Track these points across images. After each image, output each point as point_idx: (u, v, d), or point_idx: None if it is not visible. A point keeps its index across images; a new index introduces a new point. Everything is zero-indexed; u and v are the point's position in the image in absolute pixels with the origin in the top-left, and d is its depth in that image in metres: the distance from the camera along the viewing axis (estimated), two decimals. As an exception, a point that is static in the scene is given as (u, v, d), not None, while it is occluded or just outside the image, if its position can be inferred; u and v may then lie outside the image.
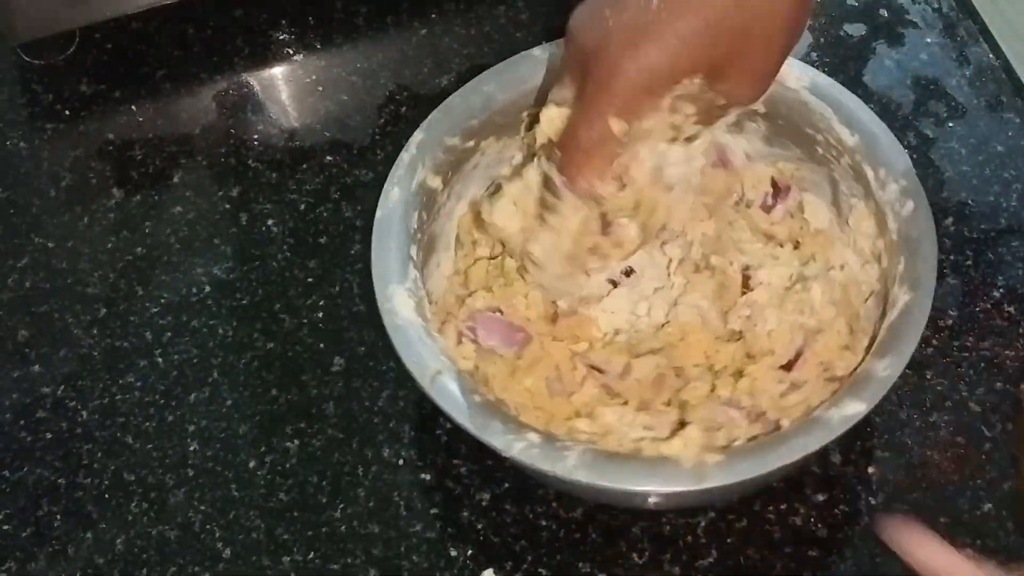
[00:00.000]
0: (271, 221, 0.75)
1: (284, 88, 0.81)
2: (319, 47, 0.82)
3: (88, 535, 0.64)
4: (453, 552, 0.62)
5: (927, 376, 0.66)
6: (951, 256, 0.70)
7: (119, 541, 0.64)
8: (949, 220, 0.71)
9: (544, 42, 0.67)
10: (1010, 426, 0.64)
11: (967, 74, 0.78)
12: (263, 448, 0.66)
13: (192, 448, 0.66)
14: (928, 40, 0.80)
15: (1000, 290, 0.69)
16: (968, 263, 0.70)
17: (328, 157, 0.77)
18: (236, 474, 0.65)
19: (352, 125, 0.78)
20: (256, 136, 0.79)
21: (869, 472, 0.63)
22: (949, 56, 0.79)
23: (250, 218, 0.75)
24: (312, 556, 0.63)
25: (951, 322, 0.68)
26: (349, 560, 0.62)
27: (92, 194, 0.76)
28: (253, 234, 0.74)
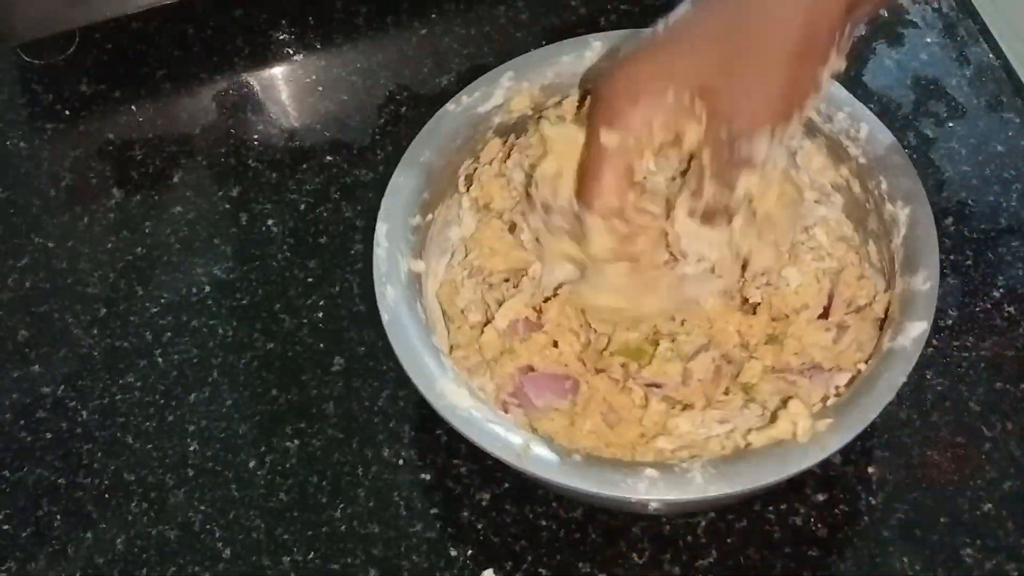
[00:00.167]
0: (271, 221, 0.75)
1: (284, 88, 0.81)
2: (319, 47, 0.82)
3: (88, 535, 0.64)
4: (453, 552, 0.62)
5: (927, 376, 0.66)
6: (951, 256, 0.70)
7: (119, 541, 0.64)
8: (949, 220, 0.71)
9: (544, 43, 0.67)
10: (1010, 425, 0.64)
11: (967, 74, 0.78)
12: (263, 448, 0.66)
13: (192, 448, 0.66)
14: (928, 40, 0.80)
15: (1000, 290, 0.69)
16: (968, 263, 0.70)
17: (328, 157, 0.77)
18: (236, 474, 0.65)
19: (352, 125, 0.78)
20: (256, 136, 0.79)
21: (869, 472, 0.63)
22: (949, 56, 0.79)
23: (250, 218, 0.75)
24: (312, 556, 0.63)
25: (951, 322, 0.68)
26: (349, 560, 0.62)
27: (92, 194, 0.76)
28: (253, 234, 0.74)
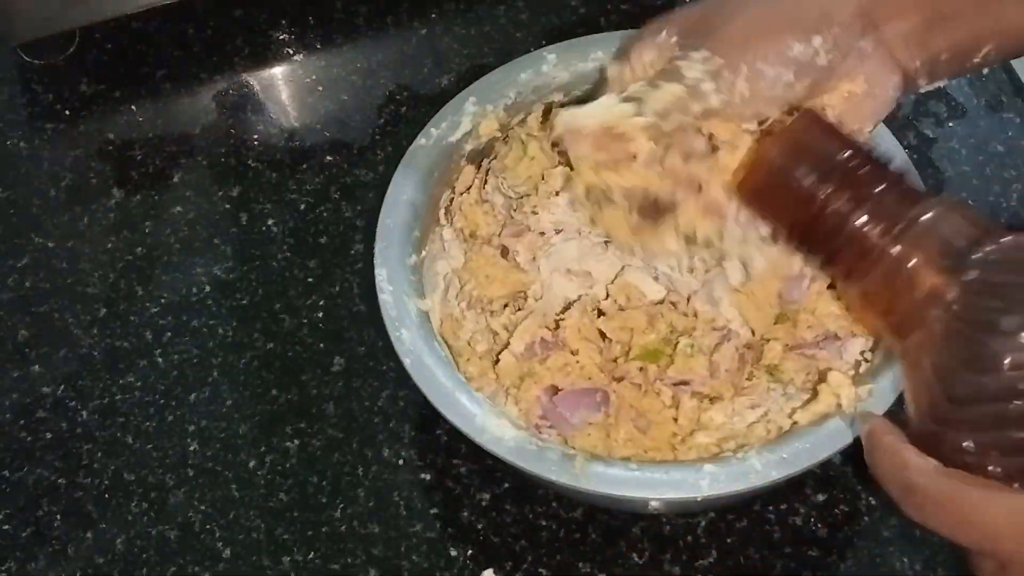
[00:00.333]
0: (271, 221, 0.75)
1: (284, 88, 0.81)
2: (319, 47, 0.82)
3: (88, 535, 0.64)
4: (453, 552, 0.62)
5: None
6: (951, 256, 0.70)
7: (119, 541, 0.64)
8: (949, 220, 0.71)
9: (544, 43, 0.67)
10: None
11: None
12: (263, 448, 0.66)
13: (192, 448, 0.66)
14: (928, 40, 0.80)
15: (1000, 290, 0.69)
16: (968, 263, 0.70)
17: (328, 157, 0.77)
18: (236, 474, 0.65)
19: (352, 125, 0.78)
20: (256, 136, 0.79)
21: (869, 472, 0.63)
22: (949, 56, 0.79)
23: (250, 218, 0.75)
24: (312, 556, 0.63)
25: (951, 322, 0.68)
26: (349, 560, 0.62)
27: (92, 194, 0.76)
28: (253, 234, 0.74)
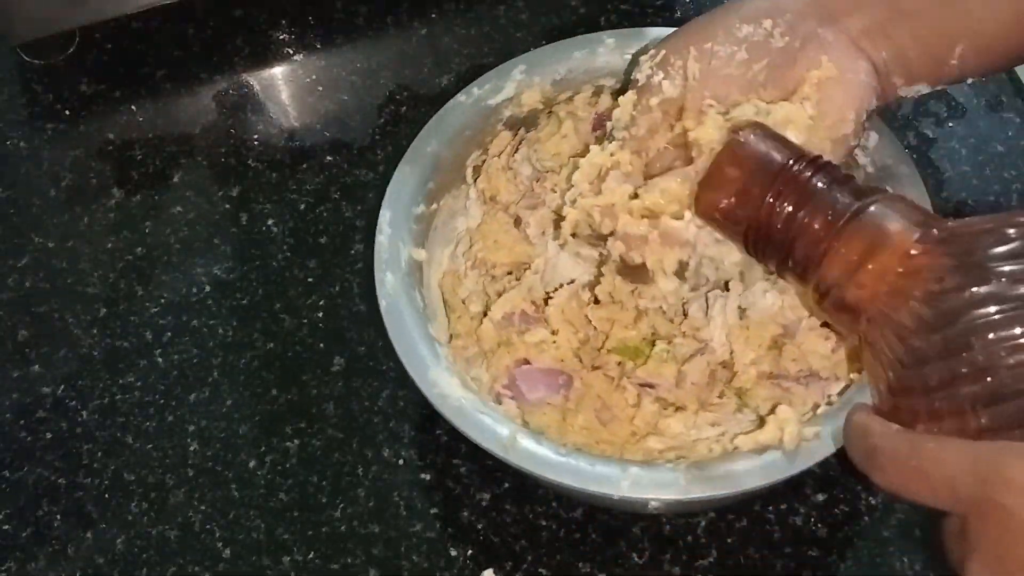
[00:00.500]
0: (271, 221, 0.75)
1: (284, 88, 0.81)
2: (319, 47, 0.82)
3: (88, 535, 0.64)
4: (453, 552, 0.62)
5: (927, 376, 0.66)
6: (951, 256, 0.70)
7: (119, 541, 0.64)
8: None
9: (544, 43, 0.67)
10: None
11: (967, 74, 0.78)
12: (263, 448, 0.66)
13: (192, 448, 0.66)
14: (928, 40, 0.80)
15: (1000, 290, 0.69)
16: (968, 263, 0.70)
17: (328, 157, 0.77)
18: (236, 474, 0.65)
19: (352, 125, 0.78)
20: (256, 136, 0.79)
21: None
22: (949, 56, 0.79)
23: (250, 218, 0.75)
24: (312, 556, 0.63)
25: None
26: (349, 560, 0.62)
27: (92, 194, 0.76)
28: (253, 234, 0.74)
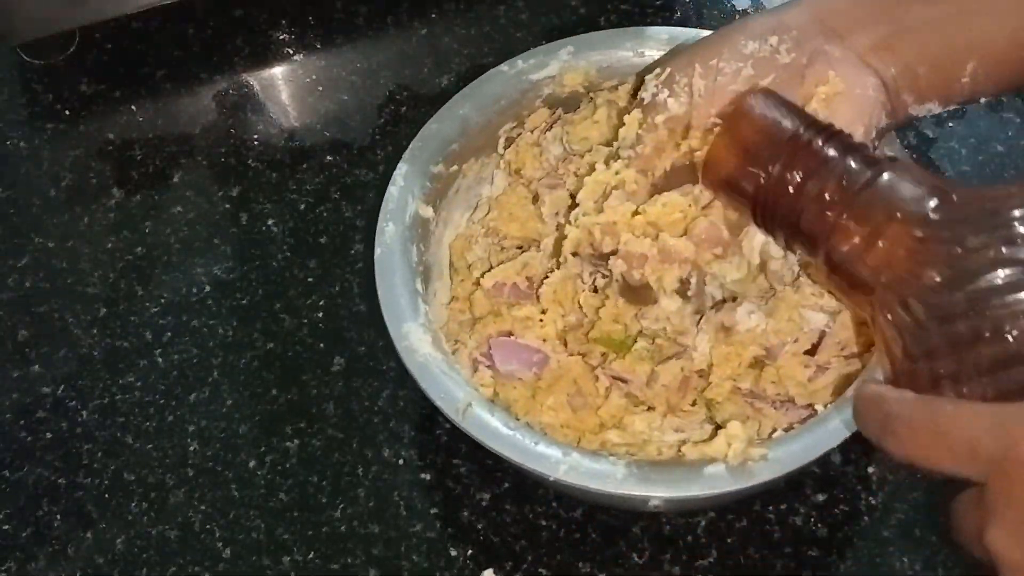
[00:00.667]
0: (271, 221, 0.75)
1: (284, 88, 0.81)
2: (319, 47, 0.82)
3: (88, 535, 0.64)
4: (453, 552, 0.62)
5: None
6: (951, 256, 0.70)
7: (119, 541, 0.64)
8: (949, 220, 0.71)
9: (544, 42, 0.67)
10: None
11: (967, 74, 0.78)
12: (263, 448, 0.66)
13: (192, 448, 0.66)
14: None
15: (1000, 290, 0.69)
16: (968, 263, 0.70)
17: (328, 157, 0.77)
18: (236, 474, 0.65)
19: (352, 125, 0.78)
20: (256, 136, 0.79)
21: (869, 472, 0.63)
22: (949, 56, 0.79)
23: (250, 218, 0.75)
24: (312, 556, 0.63)
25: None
26: (349, 560, 0.62)
27: (92, 194, 0.76)
28: (253, 234, 0.74)
